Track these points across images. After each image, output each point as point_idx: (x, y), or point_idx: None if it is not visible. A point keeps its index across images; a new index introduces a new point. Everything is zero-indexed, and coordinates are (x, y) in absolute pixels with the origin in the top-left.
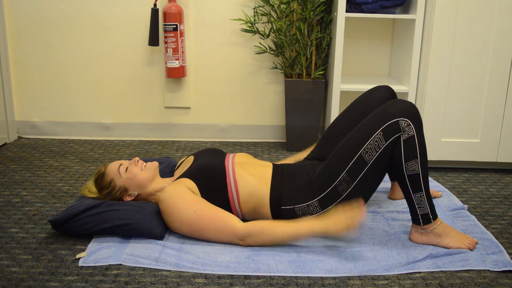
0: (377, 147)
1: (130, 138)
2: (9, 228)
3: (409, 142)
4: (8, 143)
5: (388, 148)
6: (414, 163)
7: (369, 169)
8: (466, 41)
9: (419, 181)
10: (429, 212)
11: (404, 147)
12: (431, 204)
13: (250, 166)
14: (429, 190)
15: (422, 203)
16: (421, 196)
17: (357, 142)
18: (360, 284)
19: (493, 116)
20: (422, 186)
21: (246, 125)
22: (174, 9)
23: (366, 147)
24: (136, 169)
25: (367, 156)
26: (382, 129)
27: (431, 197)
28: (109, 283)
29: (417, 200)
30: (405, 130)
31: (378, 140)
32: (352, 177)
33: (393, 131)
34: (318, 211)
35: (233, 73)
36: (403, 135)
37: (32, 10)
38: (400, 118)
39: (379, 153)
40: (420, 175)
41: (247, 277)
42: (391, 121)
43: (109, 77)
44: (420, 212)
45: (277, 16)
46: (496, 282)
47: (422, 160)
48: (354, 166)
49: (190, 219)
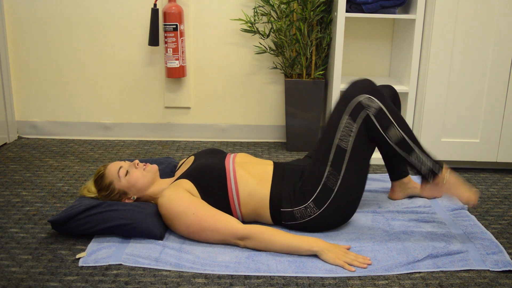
0: (350, 131)
1: (130, 138)
2: (9, 228)
3: (379, 115)
4: (8, 143)
5: (361, 128)
6: (394, 130)
7: (351, 155)
8: (466, 41)
9: (408, 143)
10: (432, 165)
11: (376, 120)
12: (430, 156)
13: (251, 166)
14: (421, 145)
15: (421, 161)
16: (417, 155)
17: (329, 134)
18: (360, 284)
19: (493, 116)
20: (413, 146)
21: (246, 125)
22: (174, 9)
23: (339, 136)
24: (136, 174)
25: (343, 144)
26: (348, 113)
27: (427, 151)
28: (109, 283)
29: (416, 161)
30: (369, 105)
31: (348, 125)
32: (337, 169)
33: (358, 111)
34: (316, 212)
35: (233, 73)
36: (370, 110)
37: (32, 10)
38: (359, 96)
39: (354, 137)
40: (405, 137)
41: (247, 277)
42: (353, 103)
43: (109, 77)
44: (424, 171)
45: (277, 16)
46: (496, 282)
47: (399, 123)
48: (335, 158)
49: (189, 221)
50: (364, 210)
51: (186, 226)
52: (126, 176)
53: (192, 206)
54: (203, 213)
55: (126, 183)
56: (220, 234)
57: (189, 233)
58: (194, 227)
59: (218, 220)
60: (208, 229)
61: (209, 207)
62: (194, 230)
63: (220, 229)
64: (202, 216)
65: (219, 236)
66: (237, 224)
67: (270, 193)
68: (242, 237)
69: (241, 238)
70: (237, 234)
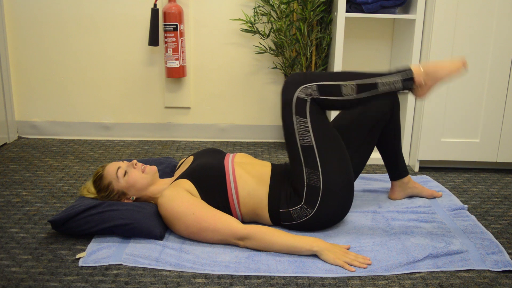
0: (306, 127)
1: (130, 138)
2: (9, 228)
3: (322, 90)
4: (8, 143)
5: (315, 119)
6: (344, 87)
7: (319, 148)
8: (466, 41)
9: (364, 83)
10: (401, 76)
11: (325, 95)
12: (393, 72)
13: (250, 166)
14: (376, 72)
15: (390, 82)
16: (382, 83)
17: (290, 139)
18: (360, 284)
19: (493, 116)
20: (370, 80)
21: (246, 125)
22: (174, 9)
23: (299, 136)
24: (135, 174)
25: (306, 142)
26: (295, 113)
27: (385, 71)
28: (109, 283)
29: (386, 87)
30: (309, 94)
31: (300, 122)
32: (313, 166)
33: (302, 105)
34: (311, 212)
35: (233, 73)
36: (313, 96)
37: (32, 10)
38: (295, 93)
39: (312, 130)
40: (357, 82)
41: (247, 277)
42: (294, 102)
43: (109, 77)
44: (400, 87)
45: (277, 16)
46: (496, 282)
47: (341, 78)
48: (306, 157)
49: (189, 221)
50: (364, 210)
51: (186, 226)
52: (124, 177)
53: (192, 206)
54: (203, 213)
55: (124, 184)
56: (220, 234)
57: (189, 233)
58: (194, 227)
59: (218, 220)
60: (208, 229)
61: (209, 207)
62: (194, 230)
63: (220, 229)
64: (202, 216)
65: (219, 236)
66: (237, 224)
67: (268, 193)
68: (242, 237)
69: (241, 238)
70: (237, 234)
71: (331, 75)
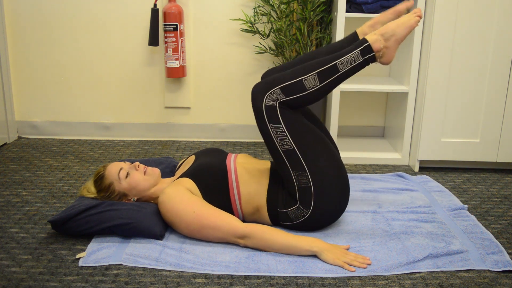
0: (282, 132)
1: (130, 138)
2: (9, 228)
3: (286, 91)
4: (8, 143)
5: (289, 122)
6: (306, 81)
7: (301, 149)
8: (466, 41)
9: (325, 69)
10: (360, 51)
11: (291, 95)
12: (349, 50)
13: (251, 166)
14: (332, 56)
15: (349, 59)
16: (342, 62)
17: (270, 144)
18: (360, 284)
19: (493, 116)
20: (330, 65)
21: (246, 125)
22: (174, 9)
23: (278, 142)
24: (137, 177)
25: (286, 146)
26: (268, 121)
27: (342, 51)
28: (109, 283)
29: (348, 65)
30: (275, 99)
31: (275, 129)
32: (299, 168)
33: (272, 111)
34: (307, 212)
35: (233, 73)
36: (280, 100)
37: (32, 10)
38: (262, 102)
39: (289, 133)
40: (318, 70)
41: (247, 277)
42: (264, 111)
43: (109, 77)
44: (362, 62)
45: (277, 16)
46: (496, 282)
47: (301, 73)
48: (291, 161)
49: (189, 219)
50: (364, 210)
51: (186, 224)
52: (126, 178)
53: (192, 204)
54: (204, 211)
55: (126, 185)
56: (221, 232)
57: (190, 231)
58: (195, 225)
59: (218, 218)
60: (208, 227)
61: (210, 206)
62: (195, 228)
63: (220, 227)
64: (203, 214)
65: (220, 234)
66: (237, 223)
67: (267, 193)
68: (242, 235)
69: (241, 236)
70: (238, 233)
71: (292, 72)
